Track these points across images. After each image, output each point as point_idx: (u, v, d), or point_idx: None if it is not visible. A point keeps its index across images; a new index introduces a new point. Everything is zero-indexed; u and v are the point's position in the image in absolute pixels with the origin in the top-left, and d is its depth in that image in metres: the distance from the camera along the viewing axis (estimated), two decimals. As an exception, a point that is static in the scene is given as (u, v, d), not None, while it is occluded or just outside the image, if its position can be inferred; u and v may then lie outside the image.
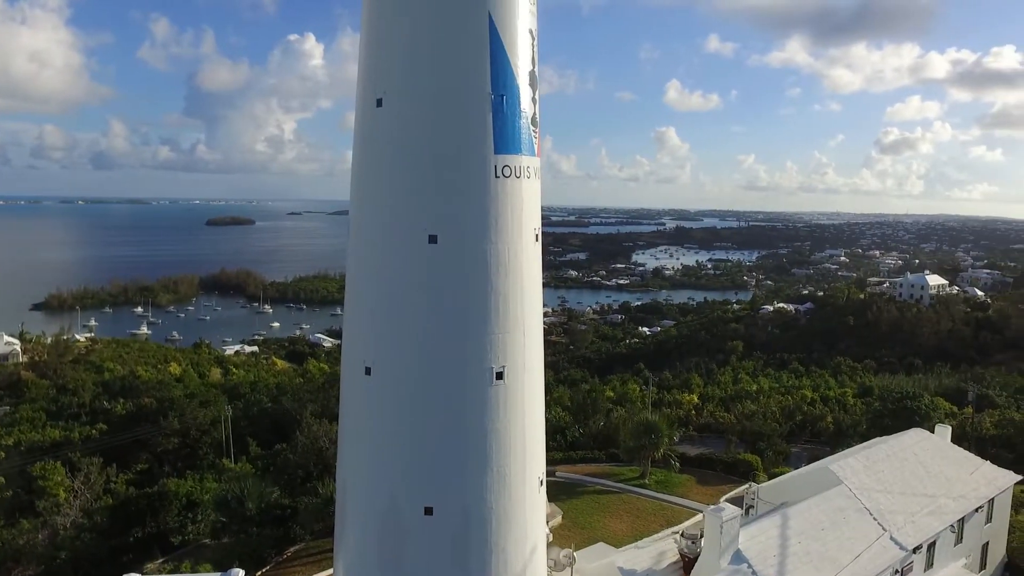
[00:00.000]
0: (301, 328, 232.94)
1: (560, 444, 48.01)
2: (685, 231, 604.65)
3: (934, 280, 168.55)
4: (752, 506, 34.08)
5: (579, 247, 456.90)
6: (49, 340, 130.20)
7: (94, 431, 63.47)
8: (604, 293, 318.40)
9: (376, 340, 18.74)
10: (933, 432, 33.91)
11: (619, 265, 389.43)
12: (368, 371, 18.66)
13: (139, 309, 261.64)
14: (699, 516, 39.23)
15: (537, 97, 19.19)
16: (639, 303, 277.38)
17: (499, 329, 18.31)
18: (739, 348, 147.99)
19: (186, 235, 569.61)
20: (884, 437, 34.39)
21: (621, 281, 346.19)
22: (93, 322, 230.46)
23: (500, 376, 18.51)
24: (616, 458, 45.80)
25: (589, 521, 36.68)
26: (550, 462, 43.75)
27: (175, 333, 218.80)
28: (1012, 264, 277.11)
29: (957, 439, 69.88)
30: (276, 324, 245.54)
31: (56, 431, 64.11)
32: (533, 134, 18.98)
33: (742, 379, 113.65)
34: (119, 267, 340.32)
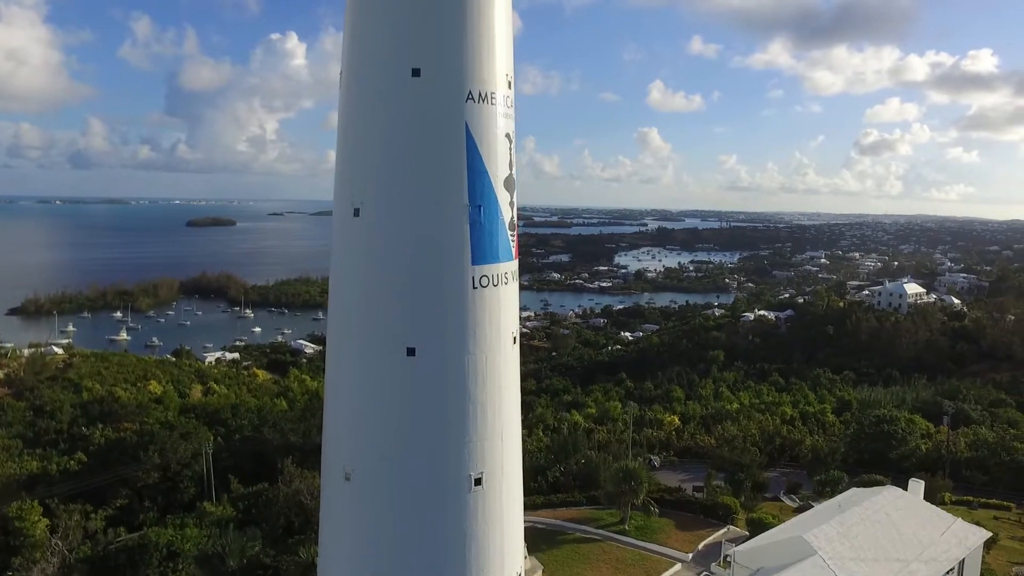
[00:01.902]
0: (283, 333, 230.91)
1: (541, 486, 48.18)
2: (667, 232, 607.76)
3: (912, 289, 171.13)
4: (729, 557, 34.51)
5: (562, 249, 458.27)
6: (25, 352, 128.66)
7: (72, 462, 62.75)
8: (587, 296, 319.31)
9: (355, 448, 18.83)
10: (907, 488, 34.46)
11: (601, 267, 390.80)
12: (348, 477, 18.75)
13: (118, 314, 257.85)
14: (677, 567, 39.71)
15: (515, 200, 19.30)
16: (621, 306, 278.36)
17: (477, 437, 18.46)
18: (720, 358, 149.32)
19: (166, 236, 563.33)
20: (859, 491, 34.87)
21: (603, 284, 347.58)
22: (71, 327, 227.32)
23: (479, 482, 18.66)
24: (596, 500, 46.06)
25: (569, 575, 36.83)
26: (530, 506, 43.99)
27: (155, 339, 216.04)
28: (988, 268, 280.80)
29: (933, 461, 71.46)
30: (257, 329, 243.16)
31: (33, 462, 63.27)
32: (511, 238, 19.10)
33: (723, 393, 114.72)
34: (98, 270, 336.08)
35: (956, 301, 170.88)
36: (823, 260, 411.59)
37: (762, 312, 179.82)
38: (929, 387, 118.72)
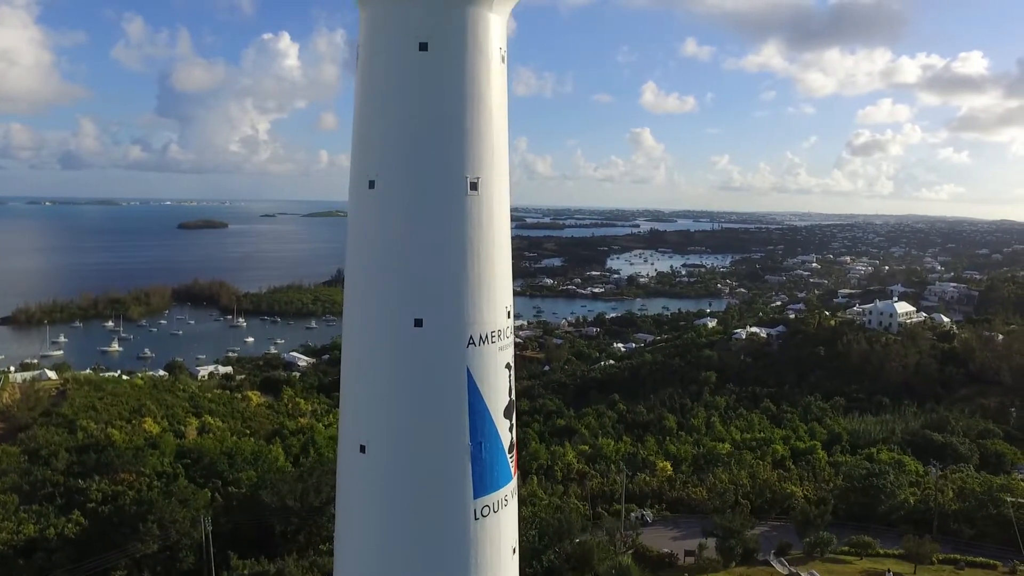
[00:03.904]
0: (276, 344, 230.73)
1: (536, 571, 48.89)
2: (659, 234, 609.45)
3: (902, 308, 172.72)
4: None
5: (554, 252, 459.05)
6: (18, 377, 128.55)
7: (70, 524, 63.19)
8: (579, 302, 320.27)
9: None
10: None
11: (594, 272, 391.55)
12: None
13: (110, 323, 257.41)
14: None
15: (514, 422, 19.96)
16: (614, 313, 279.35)
17: (479, 653, 19.18)
18: (712, 379, 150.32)
19: (158, 240, 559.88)
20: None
21: (596, 289, 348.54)
22: (62, 338, 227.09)
23: None
24: (590, 589, 46.94)
25: None
26: (526, 598, 44.75)
27: (147, 350, 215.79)
28: (977, 276, 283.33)
29: (921, 513, 72.53)
30: (250, 339, 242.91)
31: (31, 525, 63.65)
32: (510, 459, 19.75)
33: (714, 424, 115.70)
34: (89, 275, 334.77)
35: (945, 320, 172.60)
36: (814, 264, 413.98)
37: (754, 329, 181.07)
38: (919, 416, 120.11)
